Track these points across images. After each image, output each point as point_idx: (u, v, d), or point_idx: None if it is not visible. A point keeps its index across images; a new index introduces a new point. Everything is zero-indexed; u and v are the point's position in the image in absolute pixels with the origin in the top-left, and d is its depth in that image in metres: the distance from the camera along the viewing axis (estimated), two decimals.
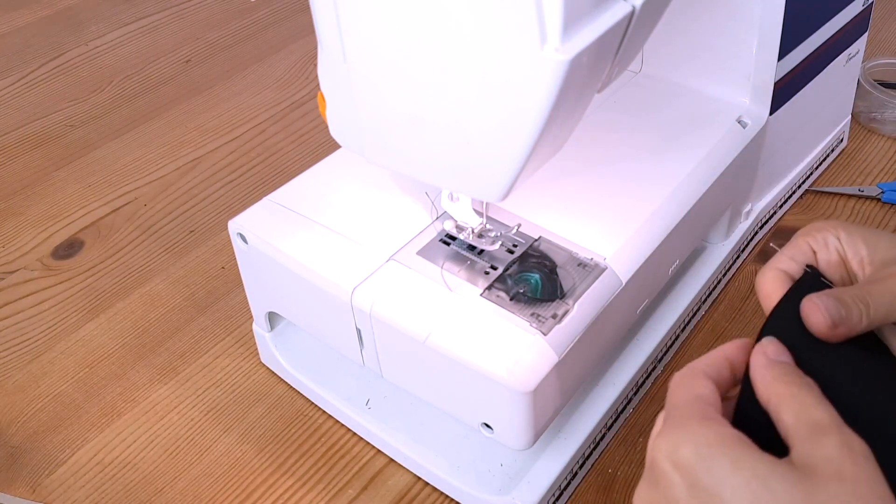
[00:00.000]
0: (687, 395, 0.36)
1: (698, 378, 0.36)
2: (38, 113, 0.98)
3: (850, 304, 0.36)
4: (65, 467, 0.61)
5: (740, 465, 0.31)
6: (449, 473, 0.56)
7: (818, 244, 0.41)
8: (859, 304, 0.36)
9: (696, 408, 0.35)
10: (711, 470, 0.32)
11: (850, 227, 0.41)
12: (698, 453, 0.32)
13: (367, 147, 0.49)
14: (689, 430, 0.33)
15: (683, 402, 0.35)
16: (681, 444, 0.33)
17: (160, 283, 0.75)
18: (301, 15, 1.16)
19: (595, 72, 0.43)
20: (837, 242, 0.40)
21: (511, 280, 0.51)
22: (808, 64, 0.69)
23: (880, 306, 0.37)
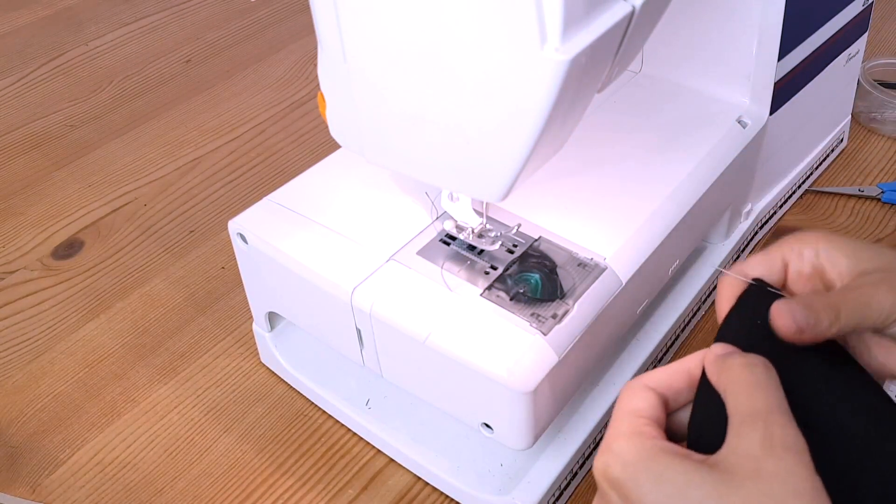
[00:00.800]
0: (623, 409, 0.37)
1: (638, 392, 0.38)
2: (38, 113, 0.98)
3: (819, 310, 0.37)
4: (65, 467, 0.61)
5: (661, 478, 0.33)
6: (449, 473, 0.56)
7: (792, 254, 0.41)
8: (829, 311, 0.37)
9: (627, 423, 0.36)
10: (637, 486, 0.33)
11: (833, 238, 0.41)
12: (624, 470, 0.34)
13: (367, 147, 0.49)
14: (617, 448, 0.35)
15: (618, 417, 0.37)
16: (610, 462, 0.35)
17: (160, 283, 0.75)
18: (301, 15, 1.16)
19: (595, 72, 0.43)
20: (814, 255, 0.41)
21: (511, 280, 0.51)
22: (808, 64, 0.69)
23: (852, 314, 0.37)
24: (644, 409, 0.37)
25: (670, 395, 0.38)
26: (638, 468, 0.34)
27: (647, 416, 0.37)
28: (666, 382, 0.38)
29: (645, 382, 0.38)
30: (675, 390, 0.38)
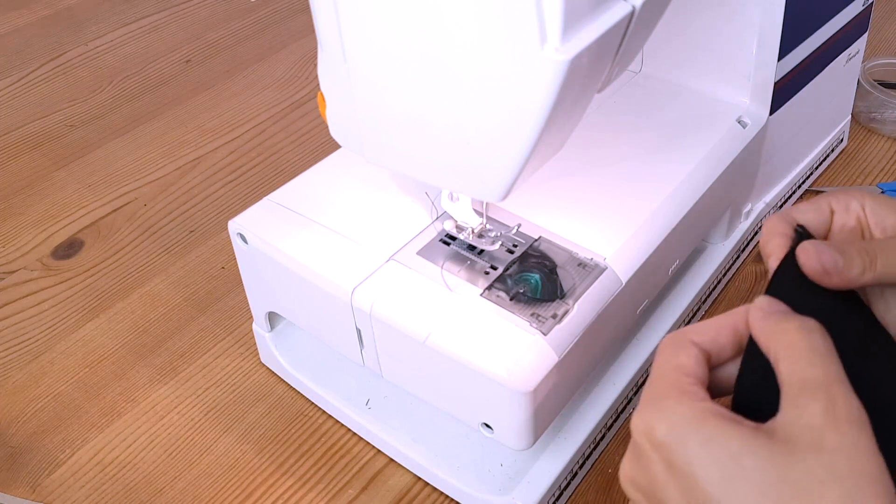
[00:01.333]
0: (667, 365, 0.35)
1: (683, 346, 0.35)
2: (38, 113, 0.98)
3: (852, 255, 0.36)
4: (65, 467, 0.61)
5: (712, 442, 0.31)
6: (449, 473, 0.56)
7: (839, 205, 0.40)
8: (864, 256, 0.36)
9: (673, 381, 0.34)
10: (685, 449, 0.31)
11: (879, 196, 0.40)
12: (672, 432, 0.32)
13: (367, 147, 0.49)
14: (664, 408, 0.33)
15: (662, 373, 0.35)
16: (655, 422, 0.32)
17: (160, 283, 0.75)
18: (301, 15, 1.16)
19: (595, 72, 0.43)
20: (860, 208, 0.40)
21: (511, 280, 0.51)
22: (808, 64, 0.69)
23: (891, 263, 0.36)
24: (689, 366, 0.35)
25: (714, 350, 0.36)
26: (687, 431, 0.31)
27: (692, 373, 0.34)
28: (710, 337, 0.36)
29: (690, 337, 0.36)
30: (719, 346, 0.36)
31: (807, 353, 0.32)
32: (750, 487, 0.30)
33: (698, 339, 0.36)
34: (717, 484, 0.30)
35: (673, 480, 0.32)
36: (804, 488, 0.29)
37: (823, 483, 0.29)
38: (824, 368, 0.32)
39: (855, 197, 0.40)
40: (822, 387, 0.31)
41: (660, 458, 0.32)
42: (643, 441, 0.33)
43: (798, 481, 0.29)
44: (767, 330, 0.34)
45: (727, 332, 0.36)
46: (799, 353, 0.33)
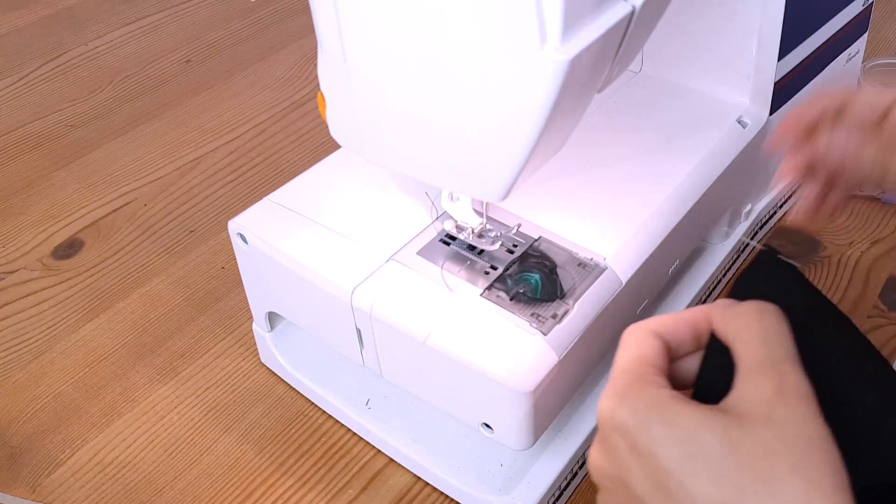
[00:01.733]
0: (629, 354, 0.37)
1: (644, 337, 0.37)
2: (38, 113, 0.98)
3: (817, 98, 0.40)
4: (65, 467, 0.61)
5: (672, 424, 0.32)
6: (449, 473, 0.56)
7: None
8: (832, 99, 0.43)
9: (635, 370, 0.36)
10: (647, 431, 0.33)
11: None
12: (635, 416, 0.33)
13: (367, 147, 0.49)
14: (626, 395, 0.34)
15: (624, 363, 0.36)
16: (618, 408, 0.34)
17: (160, 283, 0.75)
18: (301, 15, 1.16)
19: (595, 72, 0.43)
20: None
21: (511, 280, 0.51)
22: (808, 64, 0.69)
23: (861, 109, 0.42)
24: (650, 357, 0.36)
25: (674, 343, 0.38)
26: (649, 414, 0.33)
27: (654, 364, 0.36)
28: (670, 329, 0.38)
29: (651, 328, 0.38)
30: (678, 340, 0.38)
31: (760, 334, 0.34)
32: (707, 462, 0.31)
33: (659, 330, 0.37)
34: (677, 462, 0.32)
35: (637, 462, 0.33)
36: (756, 458, 0.31)
37: (774, 452, 0.31)
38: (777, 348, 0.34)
39: None
40: (774, 364, 0.33)
41: (624, 442, 0.34)
42: (608, 427, 0.35)
43: (750, 452, 0.31)
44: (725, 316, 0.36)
45: (686, 326, 0.38)
46: (753, 334, 0.34)
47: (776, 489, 0.30)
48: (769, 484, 0.30)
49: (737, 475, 0.31)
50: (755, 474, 0.30)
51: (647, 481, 0.33)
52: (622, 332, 0.52)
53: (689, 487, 0.31)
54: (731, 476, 0.31)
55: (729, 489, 0.31)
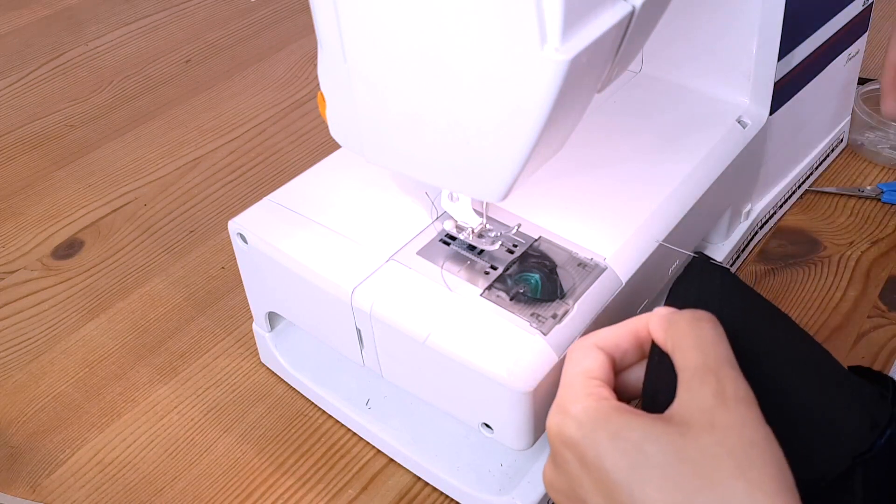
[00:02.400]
0: (574, 369, 0.37)
1: (588, 352, 0.38)
2: (38, 113, 0.98)
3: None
4: (65, 467, 0.61)
5: (618, 436, 0.33)
6: (449, 473, 0.56)
7: None
8: None
9: (580, 384, 0.36)
10: (594, 444, 0.34)
11: None
12: (580, 430, 0.34)
13: (367, 147, 0.49)
14: (572, 410, 0.35)
15: (569, 378, 0.37)
16: (565, 425, 0.35)
17: (160, 283, 0.75)
18: (301, 15, 1.16)
19: (595, 72, 0.43)
20: None
21: (511, 280, 0.51)
22: (808, 64, 0.69)
23: None
24: (595, 370, 0.37)
25: (618, 355, 0.38)
26: (595, 427, 0.34)
27: (598, 376, 0.37)
28: (613, 342, 0.39)
29: (594, 342, 0.38)
30: (622, 350, 0.38)
31: (697, 342, 0.35)
32: (654, 472, 0.32)
33: (602, 343, 0.39)
34: (625, 472, 0.32)
35: (587, 475, 0.34)
36: (701, 465, 0.31)
37: (718, 458, 0.31)
38: (714, 354, 0.34)
39: None
40: (712, 371, 0.34)
41: (573, 456, 0.35)
42: (557, 443, 0.36)
43: (695, 459, 0.31)
44: (663, 326, 0.37)
45: (628, 337, 0.39)
46: (690, 343, 0.35)
47: (721, 493, 0.31)
48: (714, 490, 0.31)
49: (683, 482, 0.31)
50: (701, 480, 0.31)
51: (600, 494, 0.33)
52: None
53: (638, 497, 0.32)
54: (678, 484, 0.31)
55: (677, 496, 0.31)
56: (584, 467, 0.34)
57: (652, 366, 0.38)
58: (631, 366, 0.39)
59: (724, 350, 0.35)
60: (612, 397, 0.36)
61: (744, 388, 0.33)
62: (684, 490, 0.31)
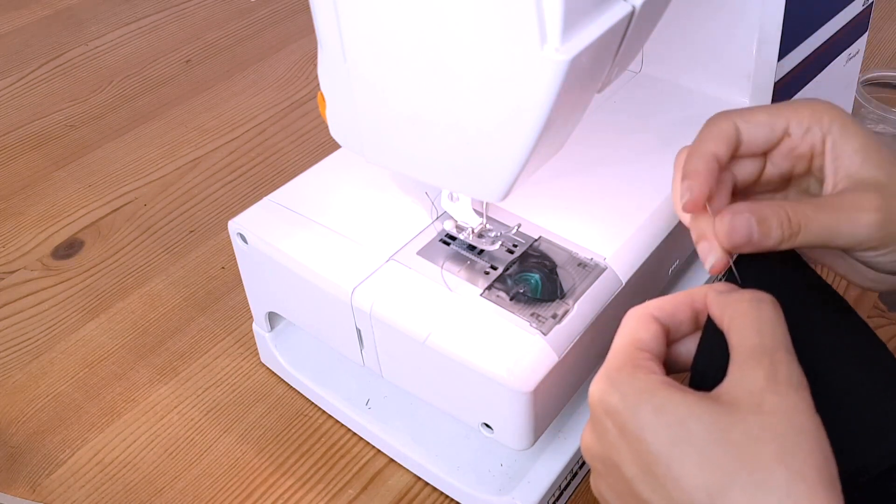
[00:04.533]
0: (626, 338, 0.37)
1: (643, 321, 0.37)
2: (38, 113, 0.98)
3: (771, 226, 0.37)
4: (65, 467, 0.61)
5: (662, 410, 0.33)
6: (449, 473, 0.56)
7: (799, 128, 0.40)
8: (785, 229, 0.37)
9: (629, 354, 0.36)
10: (636, 417, 0.33)
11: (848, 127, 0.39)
12: (625, 400, 0.34)
13: (367, 147, 0.49)
14: (617, 379, 0.35)
15: (620, 346, 0.37)
16: (608, 392, 0.35)
17: (160, 283, 0.75)
18: (301, 15, 1.16)
19: (595, 72, 0.43)
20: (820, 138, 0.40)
21: (511, 280, 0.51)
22: (808, 64, 0.69)
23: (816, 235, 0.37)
24: (647, 342, 0.37)
25: (673, 325, 0.38)
26: (639, 401, 0.33)
27: (649, 349, 0.36)
28: (670, 312, 0.38)
29: (651, 311, 0.38)
30: (678, 321, 0.38)
31: (755, 323, 0.34)
32: (694, 448, 0.31)
33: (658, 313, 0.38)
34: (665, 446, 0.32)
35: (625, 445, 0.34)
36: (744, 447, 0.31)
37: (761, 441, 0.31)
38: (771, 337, 0.34)
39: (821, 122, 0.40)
40: (767, 353, 0.33)
41: (613, 424, 0.34)
42: (598, 410, 0.35)
43: (738, 441, 0.31)
44: (721, 303, 0.36)
45: (685, 308, 0.38)
46: (748, 323, 0.34)
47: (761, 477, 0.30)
48: (754, 472, 0.30)
49: (724, 462, 0.31)
50: (741, 462, 0.31)
51: (636, 464, 0.33)
52: None
53: (675, 472, 0.32)
54: (717, 463, 0.31)
55: (715, 475, 0.31)
56: (624, 437, 0.34)
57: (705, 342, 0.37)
58: (684, 337, 0.38)
59: (781, 333, 0.34)
60: (660, 372, 0.35)
61: (797, 373, 0.33)
62: (723, 470, 0.31)
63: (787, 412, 0.31)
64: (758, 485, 0.30)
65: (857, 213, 0.37)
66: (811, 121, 0.40)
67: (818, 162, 0.40)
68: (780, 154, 0.41)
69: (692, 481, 0.31)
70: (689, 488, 0.31)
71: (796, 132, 0.40)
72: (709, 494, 0.31)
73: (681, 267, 0.64)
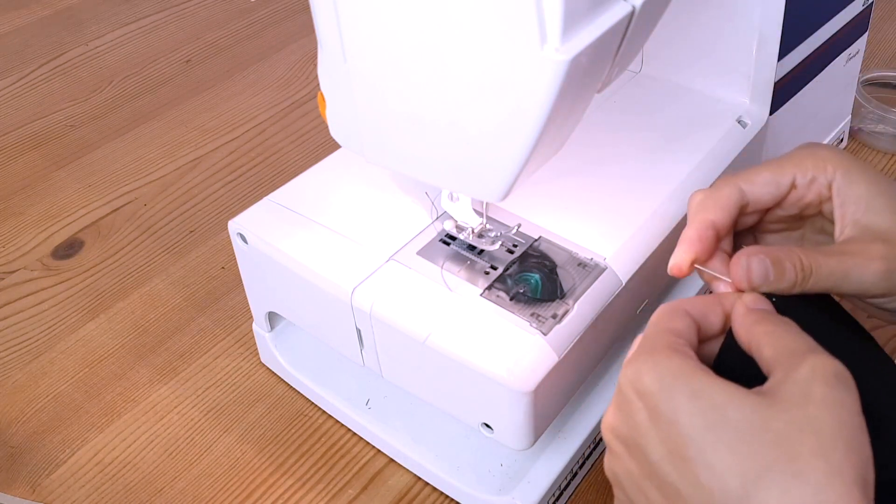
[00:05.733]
0: (661, 325, 0.36)
1: (678, 313, 0.37)
2: (38, 113, 0.98)
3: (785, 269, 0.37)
4: (65, 467, 0.61)
5: (699, 395, 0.32)
6: (449, 473, 0.56)
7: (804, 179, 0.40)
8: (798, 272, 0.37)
9: (666, 340, 0.35)
10: (671, 399, 0.32)
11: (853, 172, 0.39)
12: (660, 382, 0.33)
13: (367, 147, 0.49)
14: (654, 360, 0.34)
15: (656, 332, 0.36)
16: (644, 372, 0.34)
17: (160, 283, 0.75)
18: (301, 15, 1.16)
19: (595, 72, 0.43)
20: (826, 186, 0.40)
21: (511, 280, 0.51)
22: (808, 64, 0.69)
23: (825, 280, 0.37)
24: (682, 330, 0.36)
25: (704, 324, 0.37)
26: (675, 383, 0.33)
27: (684, 336, 0.36)
28: (702, 311, 0.37)
29: (684, 306, 0.37)
30: (709, 321, 0.37)
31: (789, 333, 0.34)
32: (731, 435, 0.31)
33: (692, 309, 0.37)
34: (699, 430, 0.31)
35: (654, 427, 0.33)
36: (784, 437, 0.30)
37: (803, 432, 0.30)
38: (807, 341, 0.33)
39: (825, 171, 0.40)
40: (812, 350, 0.33)
41: (644, 406, 0.33)
42: (629, 390, 0.34)
43: (778, 430, 0.30)
44: (747, 324, 0.36)
45: (717, 309, 0.38)
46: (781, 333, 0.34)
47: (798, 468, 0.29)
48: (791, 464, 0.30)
49: (761, 451, 0.30)
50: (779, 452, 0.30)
51: (665, 447, 0.32)
52: (622, 332, 0.52)
53: (709, 457, 0.31)
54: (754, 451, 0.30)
55: (750, 463, 0.30)
56: (655, 419, 0.33)
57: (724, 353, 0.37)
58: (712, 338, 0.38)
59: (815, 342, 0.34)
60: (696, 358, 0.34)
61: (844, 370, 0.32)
62: (760, 458, 0.30)
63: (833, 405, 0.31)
64: (795, 475, 0.29)
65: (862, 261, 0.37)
66: (815, 170, 0.40)
67: (827, 207, 0.41)
68: (790, 203, 0.41)
69: (725, 466, 0.30)
70: (722, 473, 0.30)
71: (802, 183, 0.41)
72: (742, 481, 0.30)
73: None
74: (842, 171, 0.40)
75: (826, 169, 0.40)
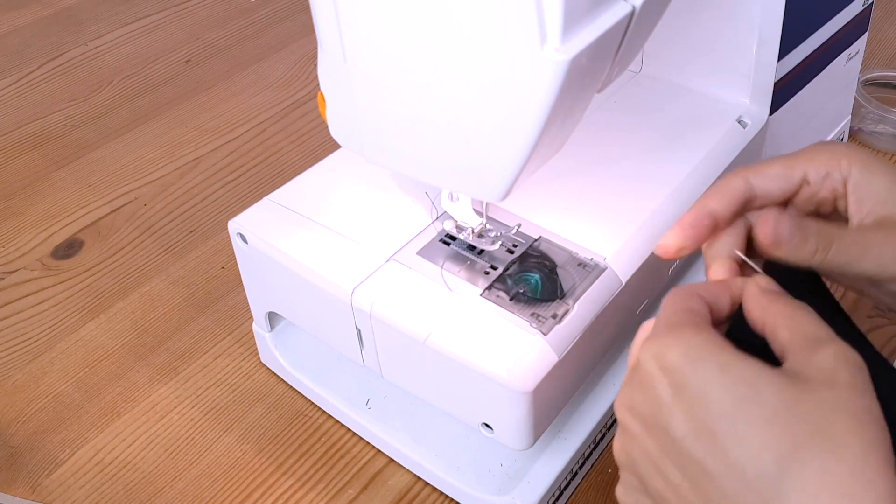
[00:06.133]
0: (678, 306, 0.36)
1: (693, 296, 0.36)
2: (38, 113, 0.98)
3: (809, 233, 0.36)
4: (65, 467, 0.61)
5: (728, 368, 0.32)
6: (449, 473, 0.56)
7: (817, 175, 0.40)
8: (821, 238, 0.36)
9: (688, 317, 0.35)
10: (699, 373, 0.32)
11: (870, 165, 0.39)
12: (687, 356, 0.32)
13: (367, 147, 0.49)
14: (680, 336, 0.33)
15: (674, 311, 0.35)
16: (670, 347, 0.33)
17: (160, 283, 0.75)
18: (301, 15, 1.16)
19: (595, 72, 0.43)
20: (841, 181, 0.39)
21: (511, 280, 0.51)
22: (808, 64, 0.69)
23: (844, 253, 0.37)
24: (699, 310, 0.35)
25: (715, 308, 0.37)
26: (702, 357, 0.32)
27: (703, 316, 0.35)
28: (713, 294, 0.37)
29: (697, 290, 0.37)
30: (719, 306, 0.37)
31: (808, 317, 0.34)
32: (764, 410, 0.30)
33: (704, 293, 0.37)
34: (729, 405, 0.31)
35: (679, 404, 0.32)
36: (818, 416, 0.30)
37: (836, 412, 0.30)
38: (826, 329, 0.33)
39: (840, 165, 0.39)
40: (829, 339, 0.32)
41: (669, 382, 0.32)
42: (651, 365, 0.33)
43: (811, 410, 0.30)
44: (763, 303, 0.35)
45: (725, 295, 0.37)
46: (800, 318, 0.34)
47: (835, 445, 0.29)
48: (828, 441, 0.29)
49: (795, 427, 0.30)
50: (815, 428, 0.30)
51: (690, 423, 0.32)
52: (622, 332, 0.52)
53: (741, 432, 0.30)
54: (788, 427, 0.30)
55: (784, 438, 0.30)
56: (679, 395, 0.32)
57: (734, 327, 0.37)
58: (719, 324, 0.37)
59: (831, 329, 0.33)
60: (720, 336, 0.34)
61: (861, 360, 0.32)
62: (794, 434, 0.30)
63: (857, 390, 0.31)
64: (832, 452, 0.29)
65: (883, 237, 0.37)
66: (829, 166, 0.40)
67: (842, 204, 0.40)
68: (802, 200, 0.41)
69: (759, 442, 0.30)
70: (756, 449, 0.30)
71: (815, 179, 0.40)
72: (777, 458, 0.29)
73: (681, 267, 0.64)
74: (859, 165, 0.40)
75: (840, 164, 0.40)
